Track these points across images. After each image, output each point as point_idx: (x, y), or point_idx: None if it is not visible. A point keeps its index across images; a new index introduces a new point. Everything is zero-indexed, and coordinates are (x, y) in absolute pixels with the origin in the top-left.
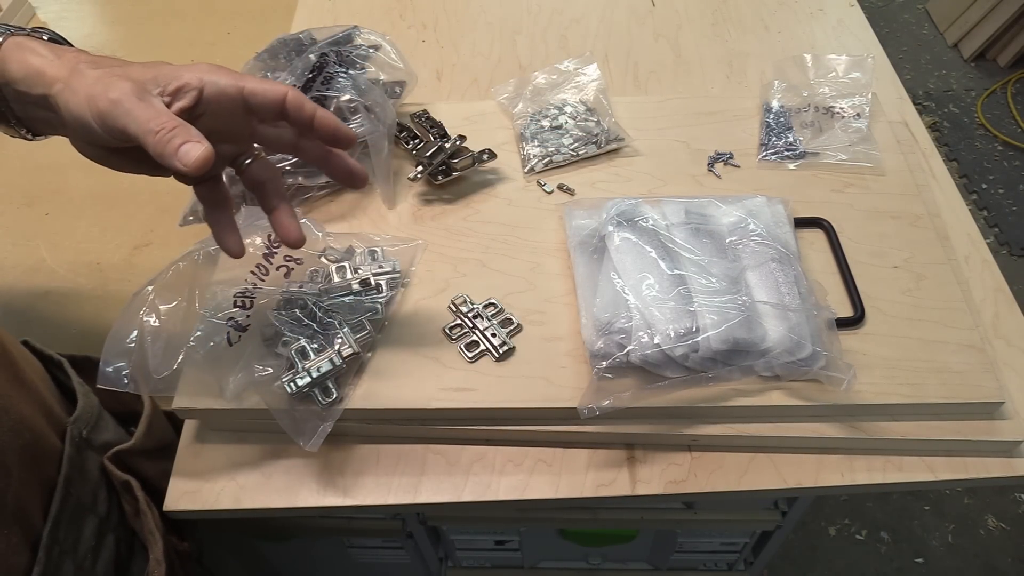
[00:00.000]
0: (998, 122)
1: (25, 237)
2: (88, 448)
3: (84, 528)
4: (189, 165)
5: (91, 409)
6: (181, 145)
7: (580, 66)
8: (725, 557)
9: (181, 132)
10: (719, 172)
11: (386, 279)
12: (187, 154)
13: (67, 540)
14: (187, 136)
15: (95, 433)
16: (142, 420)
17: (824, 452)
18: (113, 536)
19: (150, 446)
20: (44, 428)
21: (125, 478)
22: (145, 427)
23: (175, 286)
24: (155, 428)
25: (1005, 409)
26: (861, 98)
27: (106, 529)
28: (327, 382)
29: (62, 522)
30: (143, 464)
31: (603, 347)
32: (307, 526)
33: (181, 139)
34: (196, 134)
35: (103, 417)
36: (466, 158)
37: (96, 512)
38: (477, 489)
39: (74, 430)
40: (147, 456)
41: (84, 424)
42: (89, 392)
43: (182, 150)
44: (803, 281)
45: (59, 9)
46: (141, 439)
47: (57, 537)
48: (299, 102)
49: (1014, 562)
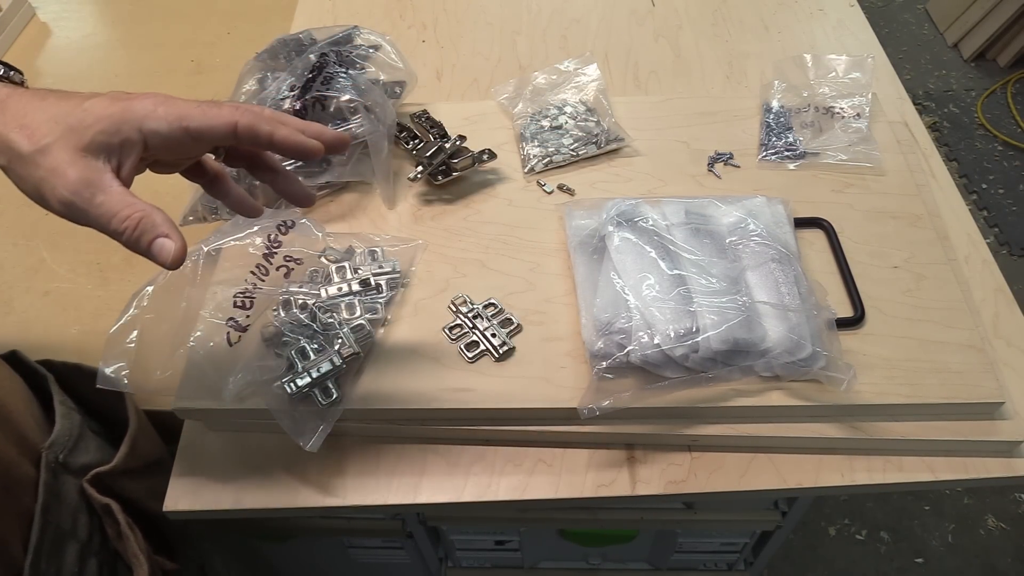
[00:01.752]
0: (998, 122)
1: (25, 237)
2: (65, 472)
3: (66, 555)
4: (168, 263)
5: (70, 431)
6: (152, 242)
7: (580, 66)
8: (725, 557)
9: (146, 226)
10: (719, 172)
11: (386, 279)
12: (161, 252)
13: (49, 569)
14: (154, 231)
15: (73, 456)
16: (125, 439)
17: (824, 452)
18: (96, 560)
19: (134, 465)
20: (14, 457)
21: (105, 502)
22: (128, 447)
23: (175, 286)
24: (140, 446)
25: (1005, 409)
26: (861, 98)
27: (88, 553)
28: (327, 382)
29: (43, 552)
30: (127, 484)
31: (603, 347)
32: (307, 526)
33: (150, 235)
34: (163, 223)
35: (84, 437)
36: (466, 158)
37: (77, 537)
38: (477, 489)
39: (50, 455)
40: (131, 476)
41: (61, 448)
42: (71, 412)
43: (155, 247)
44: (803, 281)
45: (59, 9)
46: (124, 459)
47: (39, 568)
48: (252, 130)
49: (1014, 562)
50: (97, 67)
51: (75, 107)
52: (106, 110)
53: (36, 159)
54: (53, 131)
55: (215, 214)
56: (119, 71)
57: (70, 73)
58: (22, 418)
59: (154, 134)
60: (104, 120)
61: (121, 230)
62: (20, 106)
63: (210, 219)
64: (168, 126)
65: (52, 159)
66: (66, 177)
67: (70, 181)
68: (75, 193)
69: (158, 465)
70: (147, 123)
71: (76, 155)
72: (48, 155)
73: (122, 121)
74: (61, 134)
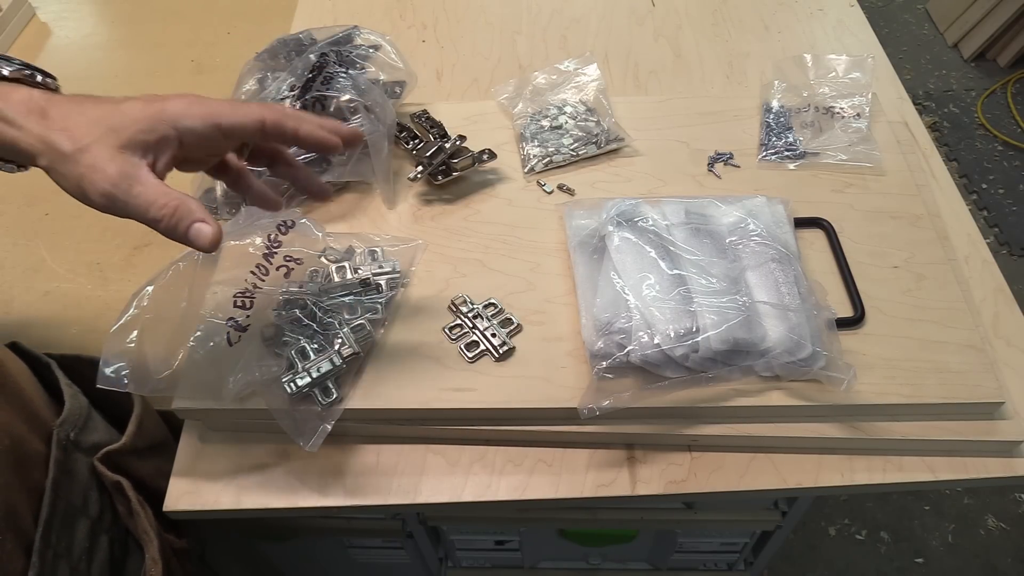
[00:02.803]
0: (998, 122)
1: (25, 237)
2: (76, 450)
3: (77, 531)
4: (205, 246)
5: (79, 410)
6: (190, 227)
7: (580, 66)
8: (725, 557)
9: (183, 212)
10: (719, 172)
11: (386, 279)
12: (199, 236)
13: (60, 543)
14: (191, 217)
15: (84, 434)
16: (132, 419)
17: (824, 452)
18: (107, 537)
19: (141, 445)
20: (24, 433)
21: (116, 479)
22: (135, 426)
23: (175, 286)
24: (146, 427)
25: (1005, 409)
26: (861, 98)
27: (99, 530)
28: (327, 382)
29: (54, 526)
30: (135, 463)
31: (603, 347)
32: (307, 526)
33: (187, 221)
34: (198, 209)
35: (92, 418)
36: (466, 158)
37: (88, 514)
38: (477, 489)
39: (61, 433)
40: (139, 455)
41: (71, 426)
42: (78, 393)
43: (192, 232)
44: (803, 281)
45: (59, 9)
46: (131, 439)
47: (50, 541)
48: (279, 126)
49: (1014, 562)
50: (97, 67)
51: (113, 110)
52: (143, 111)
53: (77, 157)
54: (93, 132)
55: (215, 214)
56: (119, 71)
57: (70, 73)
58: (31, 397)
59: (189, 131)
60: (141, 120)
61: (160, 217)
62: (61, 111)
63: None
64: (202, 123)
65: (92, 156)
66: (106, 172)
67: (110, 175)
68: (115, 186)
69: (163, 446)
70: (182, 121)
71: (115, 152)
72: (88, 153)
73: (158, 120)
74: (101, 134)
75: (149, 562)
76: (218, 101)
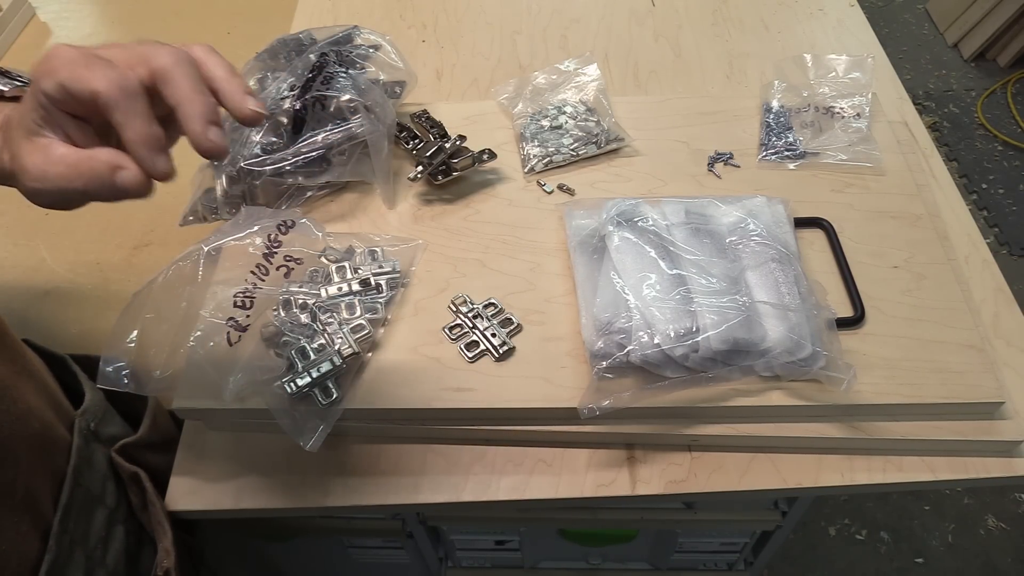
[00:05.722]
0: (998, 122)
1: (25, 237)
2: (96, 440)
3: (94, 518)
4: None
5: (99, 402)
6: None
7: (580, 66)
8: (725, 557)
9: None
10: (719, 172)
11: (386, 279)
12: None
13: (77, 529)
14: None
15: (102, 426)
16: (147, 413)
17: (824, 452)
18: (123, 528)
19: (155, 439)
20: (52, 419)
21: (133, 469)
22: (150, 420)
23: (175, 286)
24: (160, 422)
25: (1005, 409)
26: (861, 98)
27: (116, 520)
28: (327, 382)
29: (72, 511)
30: (149, 457)
31: (603, 347)
32: (307, 526)
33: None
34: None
35: (109, 411)
36: (466, 158)
37: (105, 503)
38: (477, 489)
39: (82, 422)
40: (152, 449)
41: (92, 417)
42: (94, 387)
43: (119, 184)
44: (803, 281)
45: (59, 9)
46: (147, 432)
47: (67, 526)
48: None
49: (1014, 562)
50: None
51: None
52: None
53: (15, 170)
54: (15, 137)
55: (215, 214)
56: None
57: None
58: (55, 388)
59: (45, 95)
60: (29, 98)
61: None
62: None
63: (210, 219)
64: (52, 85)
65: (19, 163)
66: (29, 172)
67: (31, 173)
68: (37, 180)
69: (175, 443)
70: (41, 83)
71: (30, 147)
72: (15, 162)
73: (35, 92)
74: (21, 137)
75: (162, 552)
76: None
